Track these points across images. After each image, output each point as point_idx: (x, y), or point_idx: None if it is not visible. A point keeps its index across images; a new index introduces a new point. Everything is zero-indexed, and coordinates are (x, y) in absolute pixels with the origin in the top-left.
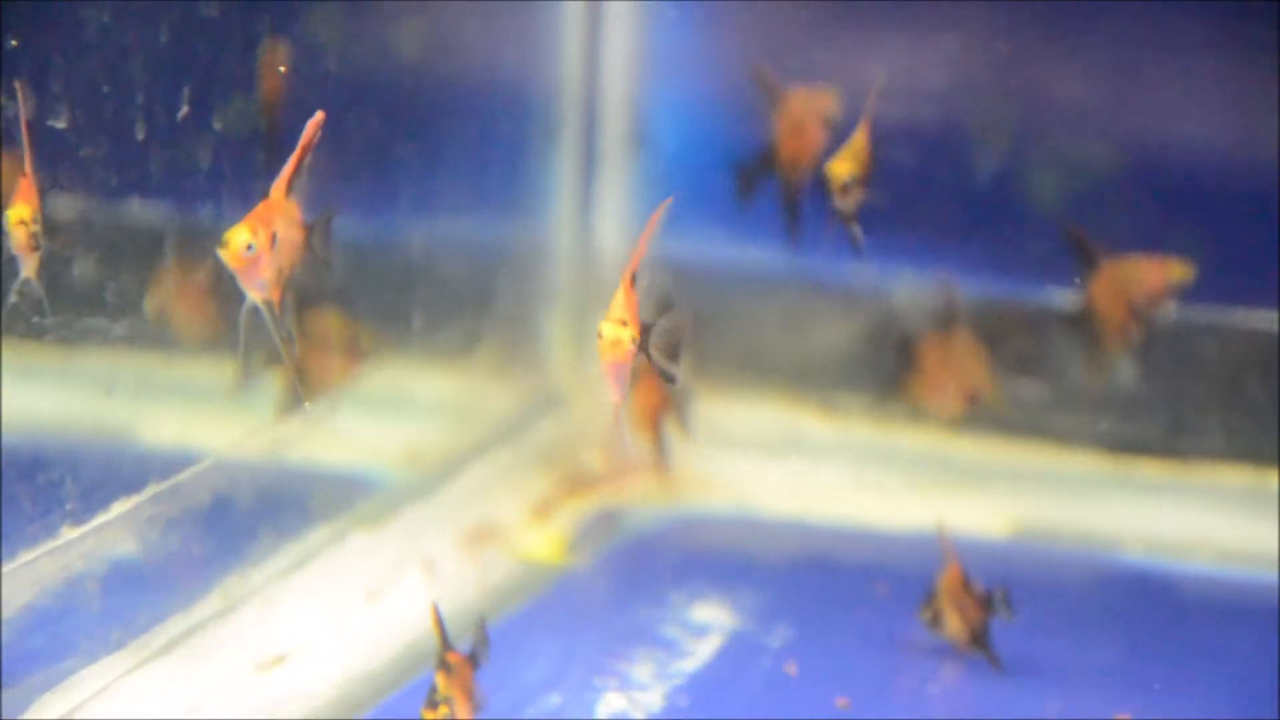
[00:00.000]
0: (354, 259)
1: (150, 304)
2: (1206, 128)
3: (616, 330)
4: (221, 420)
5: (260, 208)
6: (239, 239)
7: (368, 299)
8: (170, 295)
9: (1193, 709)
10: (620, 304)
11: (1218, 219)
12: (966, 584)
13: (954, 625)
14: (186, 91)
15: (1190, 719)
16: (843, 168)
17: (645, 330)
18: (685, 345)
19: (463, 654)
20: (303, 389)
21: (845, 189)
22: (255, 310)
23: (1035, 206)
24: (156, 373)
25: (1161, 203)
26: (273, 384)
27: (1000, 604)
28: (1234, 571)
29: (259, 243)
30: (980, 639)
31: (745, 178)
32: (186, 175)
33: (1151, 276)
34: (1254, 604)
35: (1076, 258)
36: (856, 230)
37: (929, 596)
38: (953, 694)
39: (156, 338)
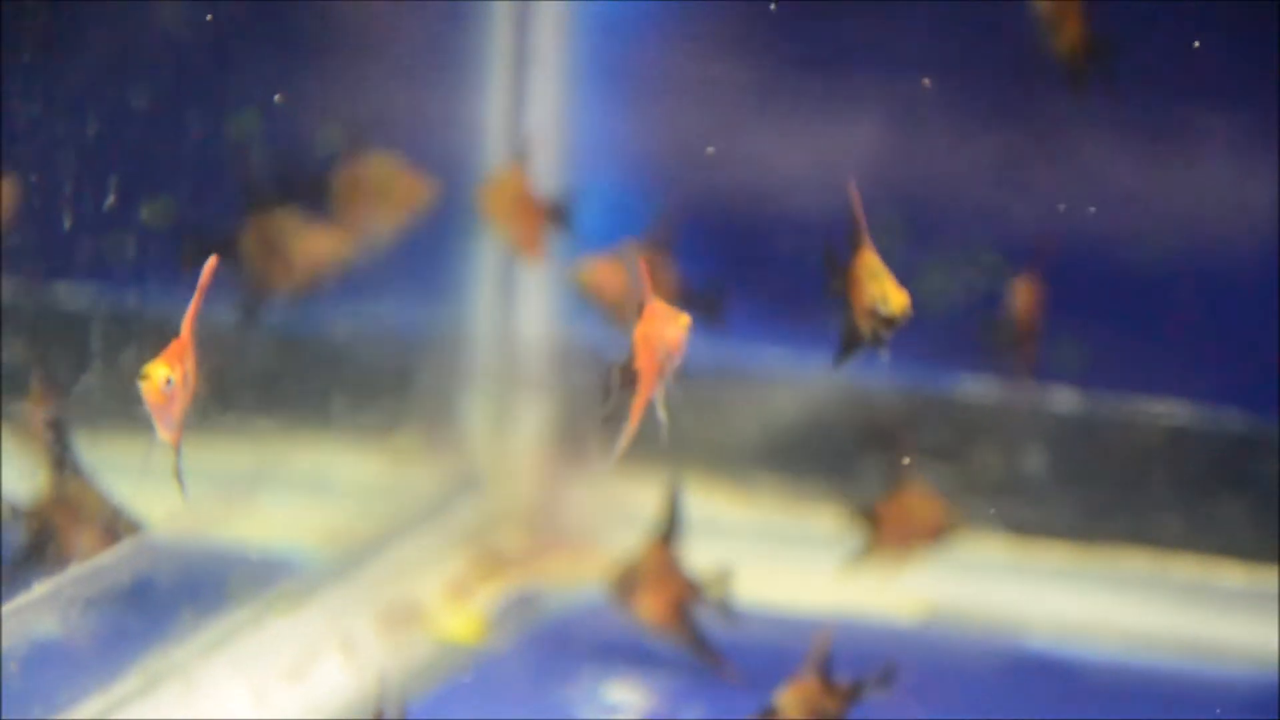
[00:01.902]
0: (276, 341)
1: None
2: (1106, 219)
3: None
4: (144, 500)
5: (174, 345)
6: (159, 373)
7: (289, 380)
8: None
9: None
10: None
11: (1125, 310)
12: (826, 686)
13: None
14: (113, 181)
15: None
16: (902, 297)
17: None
18: None
19: None
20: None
21: (894, 321)
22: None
23: (938, 297)
24: (85, 454)
25: (1067, 293)
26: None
27: (873, 686)
28: (1138, 657)
29: (176, 379)
30: None
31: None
32: (112, 263)
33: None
34: (1158, 689)
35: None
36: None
37: (765, 716)
38: None
39: (80, 419)
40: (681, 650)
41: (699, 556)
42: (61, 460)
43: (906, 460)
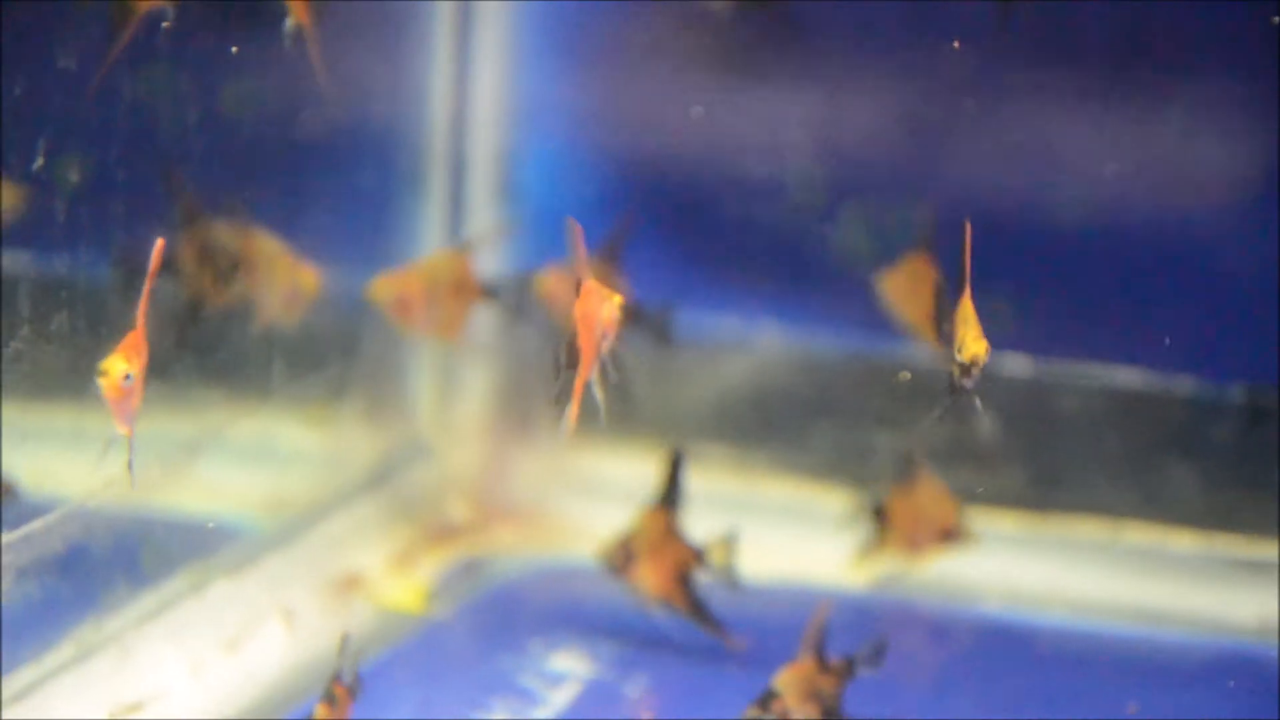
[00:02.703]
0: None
1: None
2: (1059, 185)
3: None
4: (80, 468)
5: (130, 337)
6: (118, 368)
7: (230, 347)
8: None
9: None
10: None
11: (1080, 276)
12: (822, 665)
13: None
14: (41, 144)
15: None
16: (979, 346)
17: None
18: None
19: (346, 685)
20: None
21: (972, 367)
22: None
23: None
24: (14, 420)
25: (1030, 258)
26: None
27: (865, 661)
28: (1090, 623)
29: (135, 372)
30: (835, 715)
31: None
32: (42, 226)
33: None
34: (1109, 655)
35: None
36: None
37: (766, 699)
38: None
39: (13, 386)
40: (682, 619)
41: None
42: None
43: (906, 375)
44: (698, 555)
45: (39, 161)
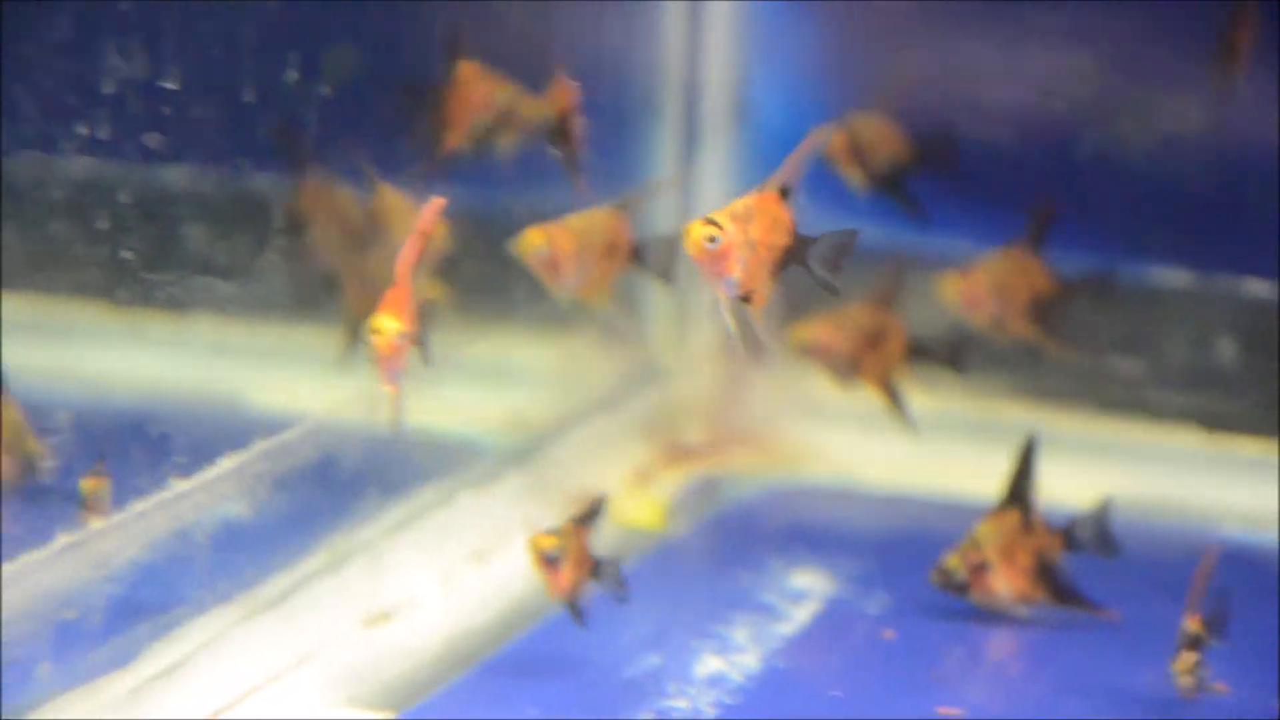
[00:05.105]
0: (457, 231)
1: None
2: None
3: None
4: (327, 385)
5: (394, 294)
6: (391, 327)
7: (471, 269)
8: None
9: None
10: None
11: None
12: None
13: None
14: (294, 57)
15: None
16: None
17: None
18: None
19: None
20: None
21: None
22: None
23: (1134, 184)
24: (264, 339)
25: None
26: None
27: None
28: None
29: (408, 331)
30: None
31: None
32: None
33: None
34: None
35: None
36: None
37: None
38: (1049, 662)
39: (264, 304)
40: (1055, 608)
41: (872, 447)
42: None
43: None
44: (1065, 534)
45: (293, 74)
